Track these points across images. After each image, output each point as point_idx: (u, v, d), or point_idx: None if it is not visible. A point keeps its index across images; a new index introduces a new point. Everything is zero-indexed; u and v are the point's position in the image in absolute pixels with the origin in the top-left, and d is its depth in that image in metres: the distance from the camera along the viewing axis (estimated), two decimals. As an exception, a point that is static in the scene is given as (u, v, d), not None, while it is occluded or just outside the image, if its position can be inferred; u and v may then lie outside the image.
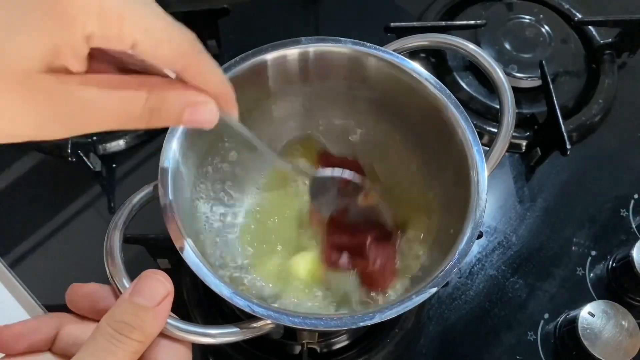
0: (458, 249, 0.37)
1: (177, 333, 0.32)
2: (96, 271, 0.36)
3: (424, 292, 0.36)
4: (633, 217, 0.58)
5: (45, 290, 0.53)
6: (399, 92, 0.46)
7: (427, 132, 0.46)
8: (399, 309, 0.35)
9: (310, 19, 0.73)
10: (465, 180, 0.41)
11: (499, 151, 0.43)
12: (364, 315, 0.35)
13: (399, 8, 0.73)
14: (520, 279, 0.55)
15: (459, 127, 0.42)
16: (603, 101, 0.64)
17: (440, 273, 0.37)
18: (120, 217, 0.37)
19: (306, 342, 0.46)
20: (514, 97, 0.45)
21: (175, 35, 0.26)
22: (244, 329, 0.35)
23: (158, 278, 0.30)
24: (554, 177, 0.61)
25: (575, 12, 0.70)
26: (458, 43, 0.47)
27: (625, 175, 0.61)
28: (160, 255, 0.52)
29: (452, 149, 0.43)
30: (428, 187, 0.48)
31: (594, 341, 0.47)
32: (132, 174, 0.60)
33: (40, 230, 0.56)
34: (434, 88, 0.44)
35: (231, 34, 0.68)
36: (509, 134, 0.44)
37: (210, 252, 0.44)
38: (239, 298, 0.35)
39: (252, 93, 0.46)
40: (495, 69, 0.45)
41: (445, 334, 0.52)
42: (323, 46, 0.45)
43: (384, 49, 0.45)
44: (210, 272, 0.36)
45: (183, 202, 0.40)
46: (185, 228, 0.38)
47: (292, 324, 0.34)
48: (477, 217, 0.39)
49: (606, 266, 0.55)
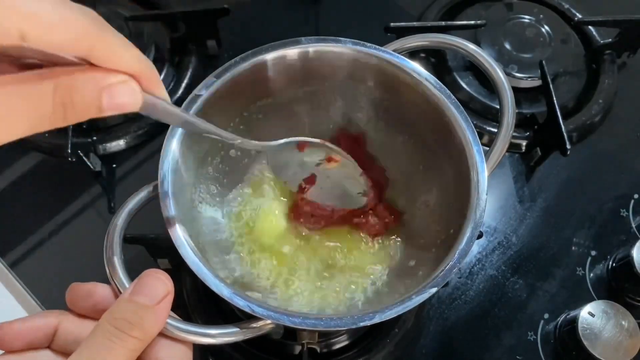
0: (458, 249, 0.37)
1: (177, 333, 0.32)
2: (96, 271, 0.36)
3: (424, 292, 0.36)
4: (633, 217, 0.58)
5: (45, 290, 0.53)
6: (399, 92, 0.46)
7: (427, 132, 0.46)
8: (399, 309, 0.35)
9: (310, 19, 0.73)
10: (465, 180, 0.41)
11: (499, 151, 0.43)
12: (363, 315, 0.35)
13: (399, 8, 0.73)
14: (520, 279, 0.55)
15: (459, 127, 0.42)
16: (603, 101, 0.64)
17: (440, 273, 0.37)
18: (120, 217, 0.37)
19: (306, 342, 0.46)
20: (514, 97, 0.45)
21: (69, 16, 0.22)
22: (244, 329, 0.35)
23: (159, 277, 0.30)
24: (554, 177, 0.61)
25: (575, 12, 0.70)
26: (458, 43, 0.47)
27: (625, 175, 0.61)
28: (160, 255, 0.52)
29: (452, 149, 0.43)
30: (428, 186, 0.48)
31: (594, 341, 0.47)
32: (132, 174, 0.60)
33: (40, 230, 0.56)
34: (434, 88, 0.44)
35: (231, 34, 0.68)
36: (509, 134, 0.44)
37: (210, 252, 0.44)
38: (238, 298, 0.35)
39: (251, 93, 0.46)
40: (495, 69, 0.45)
41: (445, 334, 0.52)
42: (323, 46, 0.45)
43: (384, 49, 0.45)
44: (210, 272, 0.36)
45: (183, 202, 0.40)
46: (185, 228, 0.38)
47: (292, 324, 0.34)
48: (477, 217, 0.39)
49: (606, 266, 0.55)
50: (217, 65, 0.43)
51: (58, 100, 0.23)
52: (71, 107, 0.24)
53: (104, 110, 0.25)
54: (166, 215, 0.37)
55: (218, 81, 0.43)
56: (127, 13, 0.65)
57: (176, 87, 0.64)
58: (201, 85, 0.42)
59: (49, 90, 0.23)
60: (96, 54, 0.24)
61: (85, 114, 0.24)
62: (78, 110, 0.24)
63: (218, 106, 0.44)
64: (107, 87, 0.24)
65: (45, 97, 0.23)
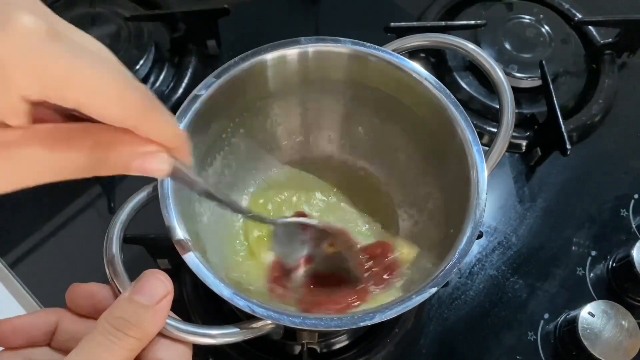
0: (458, 249, 0.37)
1: (177, 333, 0.32)
2: (96, 271, 0.36)
3: (424, 292, 0.36)
4: (633, 217, 0.58)
5: (45, 290, 0.53)
6: (399, 92, 0.46)
7: (426, 132, 0.46)
8: (399, 309, 0.35)
9: (310, 19, 0.73)
10: (465, 180, 0.41)
11: (498, 150, 0.43)
12: (364, 315, 0.35)
13: (399, 8, 0.73)
14: (520, 279, 0.55)
15: (459, 127, 0.42)
16: (603, 101, 0.64)
17: (440, 273, 0.37)
18: (119, 218, 0.37)
19: (306, 342, 0.46)
20: (513, 96, 0.45)
21: (125, 94, 0.24)
22: (244, 330, 0.35)
23: (158, 277, 0.31)
24: (554, 177, 0.61)
25: (575, 12, 0.70)
26: (457, 43, 0.47)
27: (625, 175, 0.61)
28: (160, 255, 0.52)
29: (452, 149, 0.43)
30: (428, 187, 0.48)
31: (594, 341, 0.47)
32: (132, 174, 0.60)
33: (40, 230, 0.56)
34: (434, 88, 0.44)
35: (231, 34, 0.68)
36: (508, 134, 0.44)
37: (210, 252, 0.44)
38: (239, 298, 0.35)
39: (251, 93, 0.46)
40: (494, 68, 0.45)
41: (445, 334, 0.52)
42: (322, 46, 0.45)
43: (383, 49, 0.45)
44: (210, 272, 0.36)
45: (183, 202, 0.40)
46: (186, 228, 0.38)
47: (292, 324, 0.34)
48: (477, 217, 0.39)
49: (606, 266, 0.55)
50: (217, 65, 0.43)
51: (94, 154, 0.25)
52: (104, 163, 0.26)
53: (131, 171, 0.26)
54: (166, 216, 0.37)
55: (218, 81, 0.43)
56: (127, 13, 0.65)
57: (176, 87, 0.63)
58: (201, 86, 0.42)
59: (89, 145, 0.25)
60: (140, 128, 0.25)
61: (113, 170, 0.26)
62: (109, 167, 0.26)
63: (218, 106, 0.44)
64: (142, 154, 0.26)
65: (85, 150, 0.25)
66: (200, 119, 0.42)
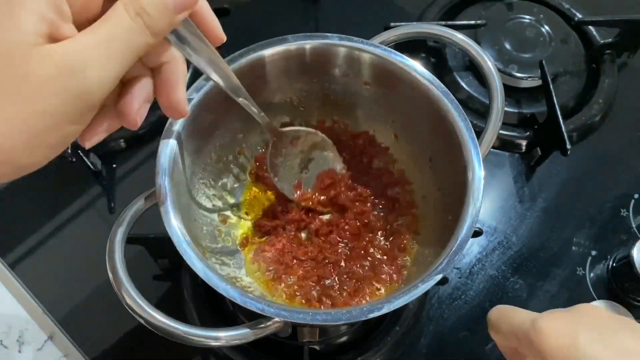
0: (460, 235, 0.37)
1: (187, 337, 0.32)
2: (96, 271, 0.36)
3: (430, 279, 0.36)
4: (633, 217, 0.58)
5: (45, 290, 0.53)
6: (397, 90, 0.46)
7: (422, 124, 0.47)
8: (406, 298, 0.35)
9: (310, 19, 0.73)
10: (462, 168, 0.41)
11: (491, 135, 0.44)
12: (372, 307, 0.35)
13: (399, 8, 0.73)
14: (520, 279, 0.55)
15: (449, 112, 0.43)
16: (603, 101, 0.64)
17: (444, 259, 0.36)
18: (121, 225, 0.37)
19: (307, 341, 0.46)
20: (502, 81, 0.45)
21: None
22: (253, 329, 0.35)
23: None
24: (554, 177, 0.61)
25: (575, 12, 0.70)
26: (444, 32, 0.47)
27: (625, 175, 0.61)
28: (160, 255, 0.52)
29: (446, 138, 0.43)
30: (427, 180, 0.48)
31: (594, 341, 0.47)
32: (132, 174, 0.60)
33: (40, 230, 0.56)
34: (432, 86, 0.44)
35: (231, 34, 0.67)
36: (500, 115, 0.45)
37: (210, 252, 0.44)
38: (250, 301, 0.34)
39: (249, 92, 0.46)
40: (482, 56, 0.46)
41: (445, 334, 0.52)
42: (309, 43, 0.45)
43: (372, 43, 0.45)
44: (214, 274, 0.36)
45: (182, 202, 0.40)
46: (185, 228, 0.38)
47: (303, 320, 0.34)
48: (476, 204, 0.39)
49: (606, 266, 0.55)
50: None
51: (131, 10, 0.26)
52: (146, 14, 0.27)
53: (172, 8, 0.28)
54: (166, 217, 0.37)
55: (208, 83, 0.43)
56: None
57: (176, 87, 0.63)
58: (191, 89, 0.43)
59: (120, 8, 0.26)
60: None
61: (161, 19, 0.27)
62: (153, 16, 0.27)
63: (217, 105, 0.44)
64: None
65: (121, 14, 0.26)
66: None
